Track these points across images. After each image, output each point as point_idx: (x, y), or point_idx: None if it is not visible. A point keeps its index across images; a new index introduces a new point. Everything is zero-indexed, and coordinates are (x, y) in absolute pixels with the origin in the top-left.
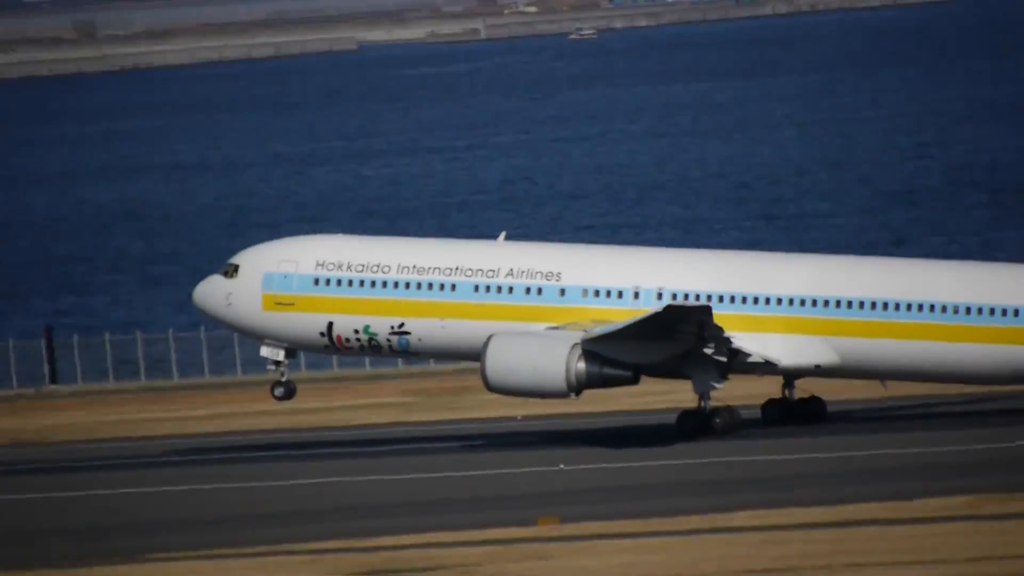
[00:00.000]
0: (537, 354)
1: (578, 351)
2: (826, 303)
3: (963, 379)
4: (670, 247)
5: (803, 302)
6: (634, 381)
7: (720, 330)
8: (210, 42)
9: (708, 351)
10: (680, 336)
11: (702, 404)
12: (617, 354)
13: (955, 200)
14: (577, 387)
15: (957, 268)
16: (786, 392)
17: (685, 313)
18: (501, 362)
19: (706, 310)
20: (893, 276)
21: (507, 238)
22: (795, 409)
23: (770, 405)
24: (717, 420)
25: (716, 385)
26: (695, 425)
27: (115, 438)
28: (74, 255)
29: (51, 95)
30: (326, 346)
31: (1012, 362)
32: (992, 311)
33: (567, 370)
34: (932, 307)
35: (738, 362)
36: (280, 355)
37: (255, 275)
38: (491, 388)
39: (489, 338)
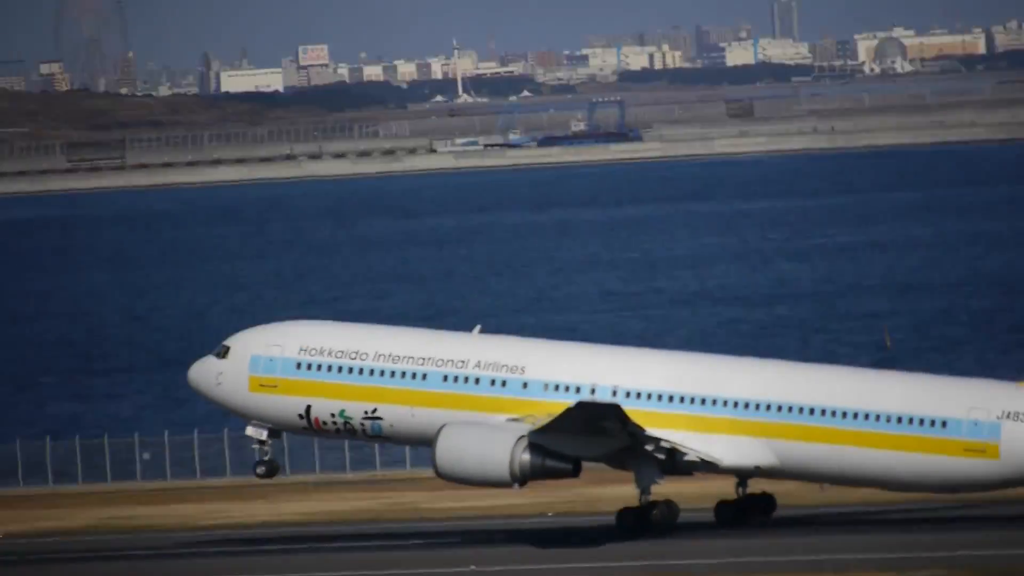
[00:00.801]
0: (483, 445)
1: (523, 443)
2: (767, 407)
3: (894, 486)
4: (632, 347)
5: (747, 405)
6: (574, 474)
7: (640, 428)
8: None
9: (648, 448)
10: (607, 432)
11: (642, 499)
12: (560, 447)
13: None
14: (520, 478)
15: (894, 379)
16: (739, 491)
17: (597, 410)
18: (450, 451)
19: (614, 408)
20: (833, 384)
21: (482, 331)
22: (745, 506)
23: (722, 506)
24: (655, 512)
25: (657, 481)
26: (634, 521)
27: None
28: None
29: None
30: (304, 428)
31: (940, 472)
32: (922, 421)
33: (511, 461)
34: (866, 415)
35: (680, 460)
36: (263, 435)
37: (244, 357)
38: (440, 475)
39: (441, 428)
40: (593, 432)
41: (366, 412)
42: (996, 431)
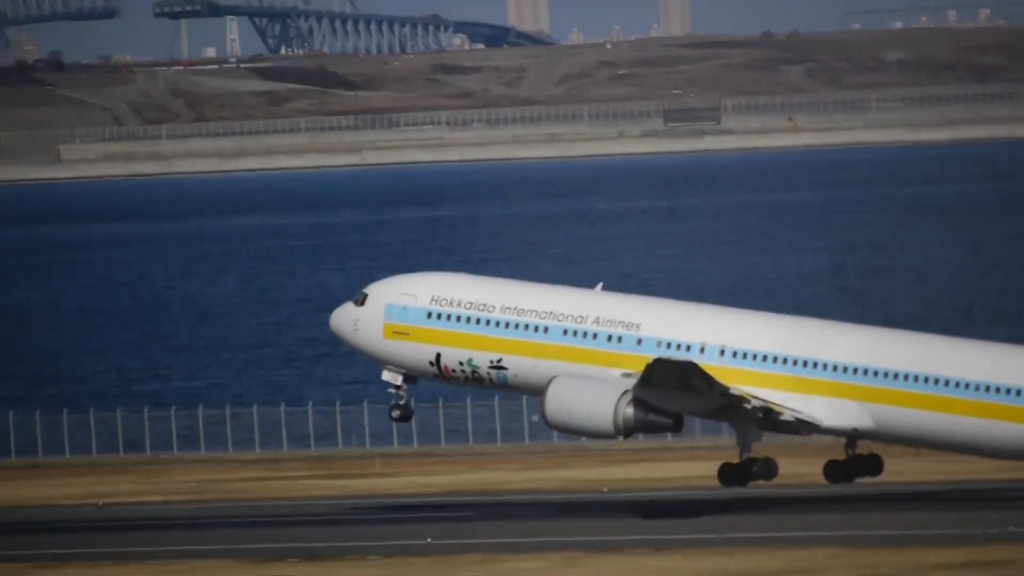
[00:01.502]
0: (590, 397)
1: (628, 397)
2: (866, 372)
3: (982, 452)
4: (745, 309)
5: (846, 369)
6: (675, 428)
7: (724, 387)
8: None
9: (745, 406)
10: (697, 389)
11: (742, 455)
12: (661, 402)
13: None
14: (624, 430)
15: (988, 350)
16: (848, 451)
17: (674, 367)
18: (559, 401)
19: (690, 366)
20: (931, 352)
21: (604, 288)
22: (852, 466)
23: (831, 465)
24: (754, 468)
25: (757, 438)
26: (734, 476)
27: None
28: None
29: None
30: (435, 375)
31: (1018, 439)
32: (1008, 391)
33: (615, 414)
34: (956, 383)
35: (778, 419)
36: (399, 380)
37: (379, 305)
38: (548, 424)
39: (551, 379)
40: (686, 389)
41: (492, 362)
42: None
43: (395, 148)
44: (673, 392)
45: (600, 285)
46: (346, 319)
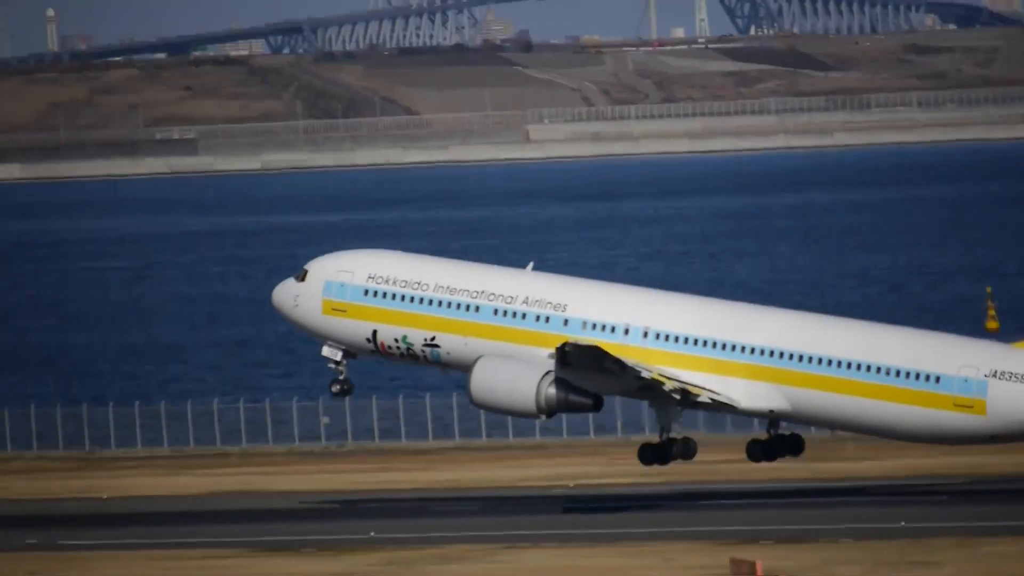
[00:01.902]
0: (513, 377)
1: (550, 378)
2: (782, 355)
3: (892, 435)
4: (669, 292)
5: (763, 352)
6: (595, 408)
7: (635, 369)
8: None
9: (663, 387)
10: (610, 371)
11: (662, 436)
12: (582, 383)
13: None
14: (547, 410)
15: (895, 333)
16: (770, 432)
17: (578, 350)
18: (483, 381)
19: (595, 350)
20: (840, 336)
21: (534, 268)
22: (774, 445)
23: (752, 444)
24: (673, 449)
25: (675, 419)
26: (653, 455)
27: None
28: None
29: None
30: (372, 351)
31: (931, 424)
32: (918, 376)
33: (537, 394)
34: (868, 367)
35: (698, 401)
36: (338, 356)
37: (318, 281)
38: (473, 403)
39: (477, 359)
40: (602, 371)
41: (426, 339)
42: (984, 388)
43: (866, 130)
44: (591, 373)
45: (531, 265)
46: (287, 295)
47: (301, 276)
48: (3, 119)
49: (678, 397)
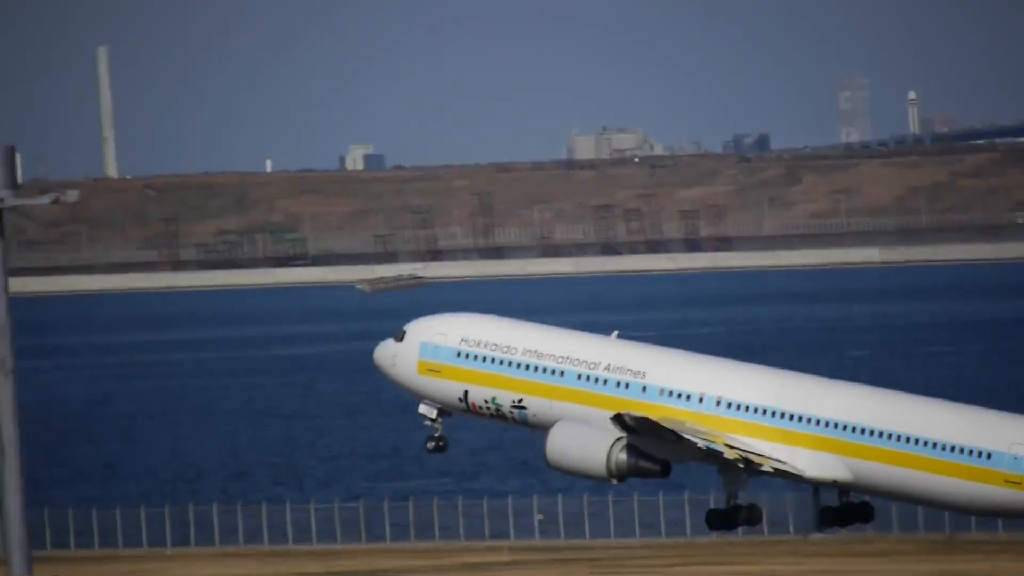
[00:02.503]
0: (587, 442)
1: (621, 444)
2: (846, 427)
3: (948, 507)
4: (744, 362)
5: (828, 424)
6: (663, 475)
7: (691, 439)
8: None
9: (725, 456)
10: (668, 439)
11: (729, 502)
12: (650, 449)
13: None
14: (617, 474)
15: (951, 410)
16: (841, 499)
17: (632, 421)
18: (557, 445)
19: (644, 420)
20: (901, 411)
21: (619, 335)
22: (845, 512)
23: (824, 511)
24: (739, 515)
25: (741, 486)
26: (719, 521)
27: None
28: None
29: None
30: (464, 410)
31: (984, 498)
32: (971, 452)
33: (608, 459)
34: (925, 442)
35: (762, 470)
36: (434, 413)
37: (415, 342)
38: (549, 465)
39: (554, 423)
40: (663, 439)
41: (513, 401)
42: None
43: None
44: (656, 441)
45: (615, 333)
46: (386, 354)
47: (400, 336)
48: (863, 202)
49: (742, 465)
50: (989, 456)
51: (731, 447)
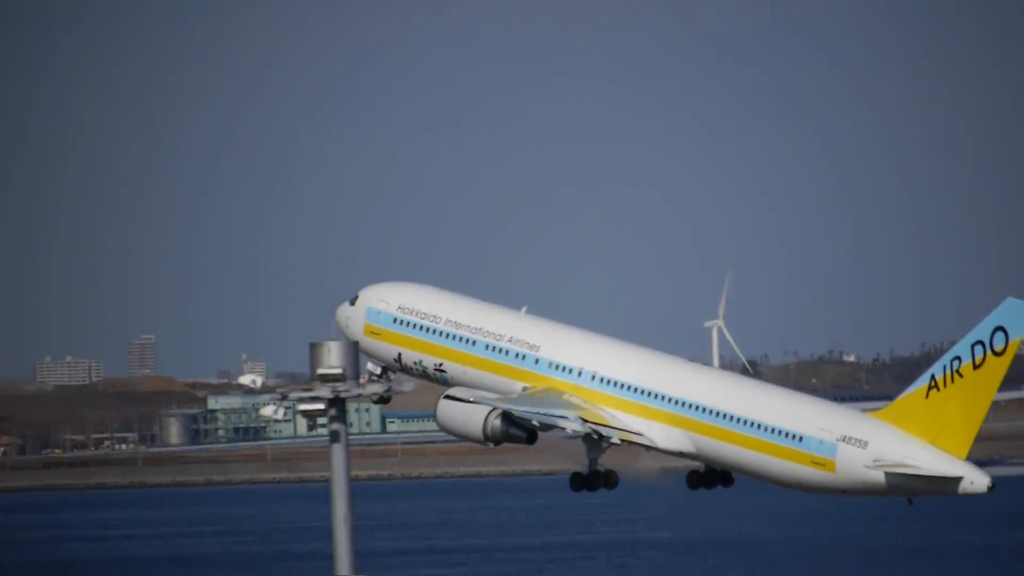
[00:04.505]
0: (468, 411)
1: (497, 413)
2: (696, 408)
3: (766, 480)
4: (625, 342)
5: (683, 404)
6: (529, 441)
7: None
8: None
9: (566, 429)
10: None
11: (590, 467)
12: (522, 420)
13: None
14: (492, 438)
15: (777, 395)
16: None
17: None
18: (445, 410)
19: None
20: (735, 394)
21: (528, 311)
22: (708, 476)
23: (691, 475)
24: (598, 480)
25: (598, 452)
26: (581, 484)
27: None
28: None
29: None
30: (398, 369)
31: (794, 475)
32: (786, 433)
33: (484, 425)
34: (751, 423)
35: (613, 441)
36: (378, 370)
37: (363, 307)
38: (439, 426)
39: (440, 395)
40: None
41: (436, 365)
42: (834, 450)
43: None
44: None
45: (524, 308)
46: (342, 315)
47: (353, 300)
48: None
49: (596, 436)
50: (800, 439)
51: (578, 420)
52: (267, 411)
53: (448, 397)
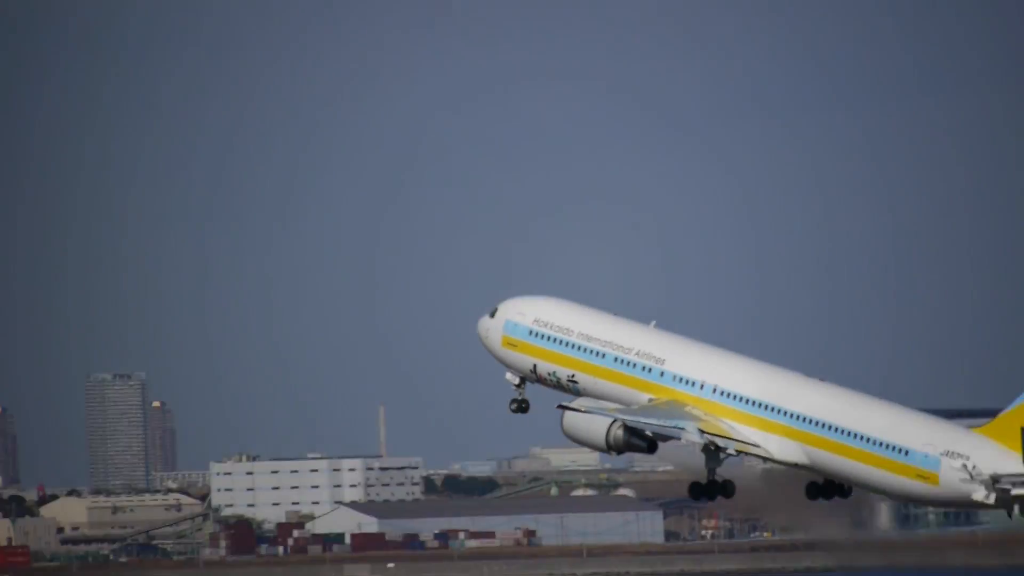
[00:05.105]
0: (591, 421)
1: (619, 423)
2: (810, 421)
3: (874, 490)
4: (746, 357)
5: (798, 417)
6: (650, 451)
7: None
8: None
9: (697, 440)
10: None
11: (708, 476)
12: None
13: None
14: (615, 447)
15: (883, 409)
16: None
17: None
18: (571, 421)
19: (562, 407)
20: (846, 408)
21: (657, 326)
22: (827, 488)
23: (810, 485)
24: (716, 489)
25: (716, 462)
26: (700, 492)
27: None
28: None
29: None
30: (534, 380)
31: (901, 487)
32: (893, 447)
33: (607, 435)
34: (859, 436)
35: (729, 452)
36: (516, 380)
37: (502, 319)
38: (564, 434)
39: (570, 402)
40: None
41: (568, 376)
42: (937, 464)
43: None
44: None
45: (653, 323)
46: (482, 327)
47: (492, 313)
48: None
49: (713, 448)
50: (906, 452)
51: (696, 431)
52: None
53: (562, 407)
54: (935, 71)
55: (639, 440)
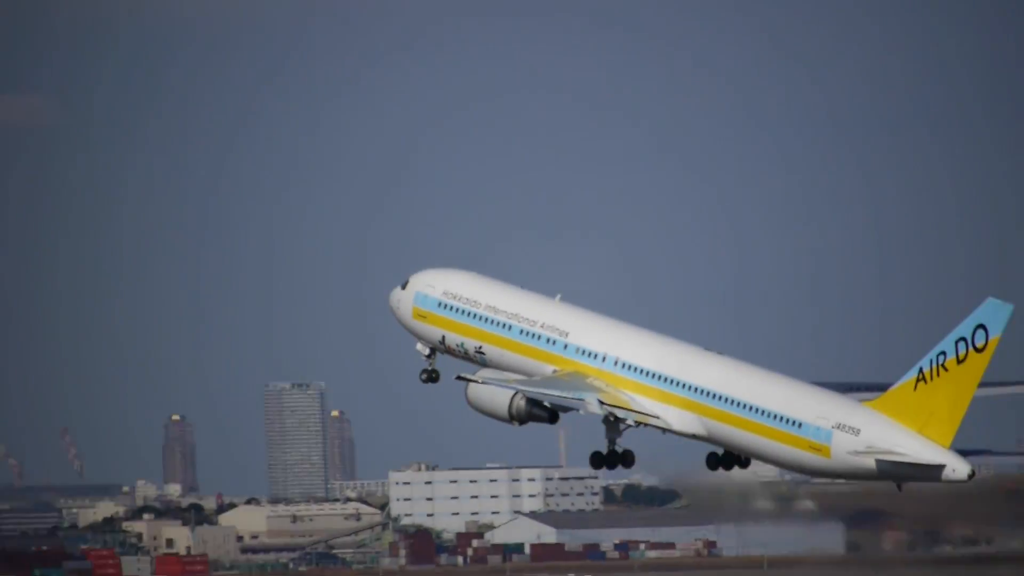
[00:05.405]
0: (495, 392)
1: (520, 395)
2: (703, 392)
3: (767, 461)
4: (647, 330)
5: (697, 390)
6: (551, 421)
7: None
8: None
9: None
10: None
11: (608, 447)
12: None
13: None
14: (518, 418)
15: (780, 383)
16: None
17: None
18: (475, 393)
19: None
20: (742, 381)
21: (562, 299)
22: (726, 458)
23: (710, 456)
24: (617, 459)
25: (616, 433)
26: (600, 462)
27: None
28: None
29: None
30: (443, 351)
31: (793, 458)
32: (787, 420)
33: (510, 406)
34: (755, 408)
35: (628, 422)
36: (426, 351)
37: (412, 291)
38: (469, 405)
39: (476, 373)
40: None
41: (476, 348)
42: (829, 437)
43: None
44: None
45: (559, 296)
46: (394, 299)
47: (404, 284)
48: None
49: (612, 418)
50: (799, 425)
51: (596, 402)
52: None
53: (461, 378)
54: (917, 71)
55: (540, 411)
